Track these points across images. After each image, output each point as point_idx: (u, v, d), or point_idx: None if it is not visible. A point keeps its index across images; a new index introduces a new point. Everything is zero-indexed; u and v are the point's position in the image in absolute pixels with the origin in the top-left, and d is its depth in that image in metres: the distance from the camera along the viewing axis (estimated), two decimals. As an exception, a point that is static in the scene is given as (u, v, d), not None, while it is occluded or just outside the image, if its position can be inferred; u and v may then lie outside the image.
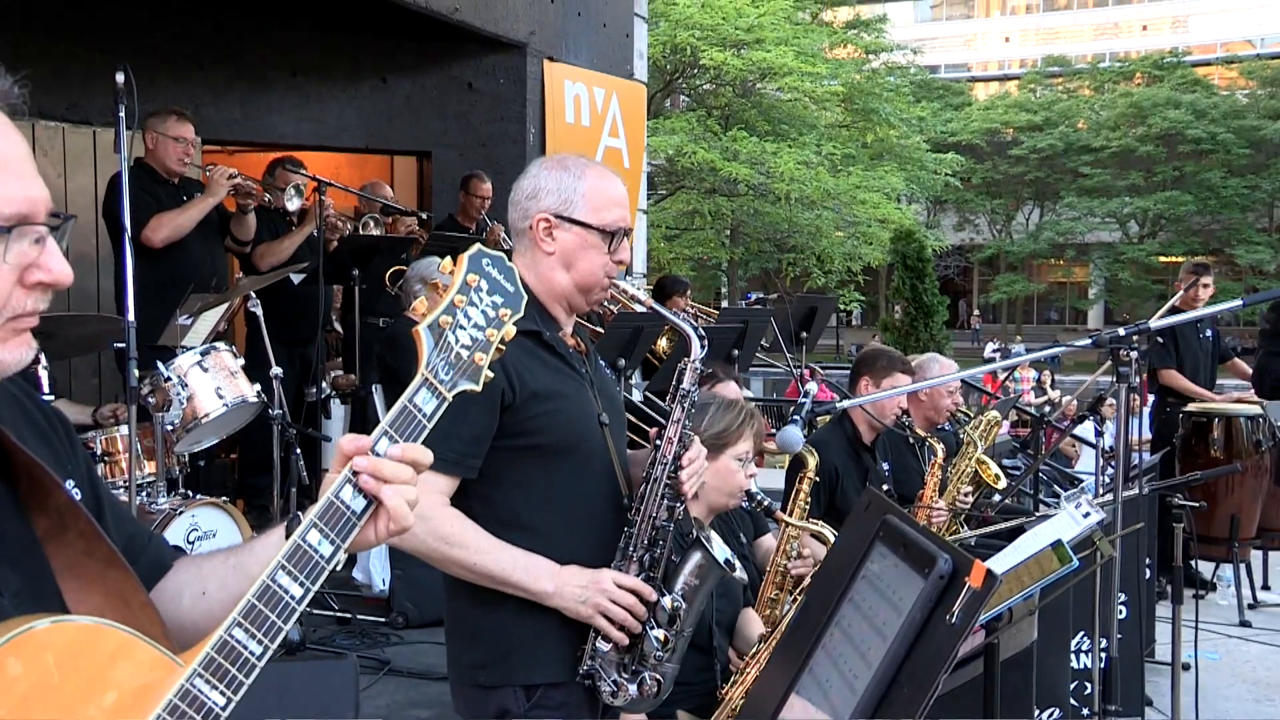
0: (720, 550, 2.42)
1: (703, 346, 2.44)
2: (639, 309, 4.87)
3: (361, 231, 6.17)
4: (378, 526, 1.35)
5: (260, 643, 1.22)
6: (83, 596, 1.27)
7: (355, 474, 1.31)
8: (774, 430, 4.98)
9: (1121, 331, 2.98)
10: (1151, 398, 7.39)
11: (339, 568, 1.36)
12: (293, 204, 5.88)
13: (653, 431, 2.43)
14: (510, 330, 1.47)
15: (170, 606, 1.42)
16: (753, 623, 3.48)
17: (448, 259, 1.46)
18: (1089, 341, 3.08)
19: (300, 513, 1.36)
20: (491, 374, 1.46)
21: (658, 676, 2.34)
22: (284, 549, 1.26)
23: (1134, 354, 3.06)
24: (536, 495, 2.33)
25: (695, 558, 2.42)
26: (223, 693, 1.18)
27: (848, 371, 6.50)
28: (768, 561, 3.65)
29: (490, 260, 1.48)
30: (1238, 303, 3.13)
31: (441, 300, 1.42)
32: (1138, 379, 3.27)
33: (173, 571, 1.48)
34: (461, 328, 1.42)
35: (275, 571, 1.25)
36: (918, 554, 1.58)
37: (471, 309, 1.43)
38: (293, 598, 1.25)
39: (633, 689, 2.33)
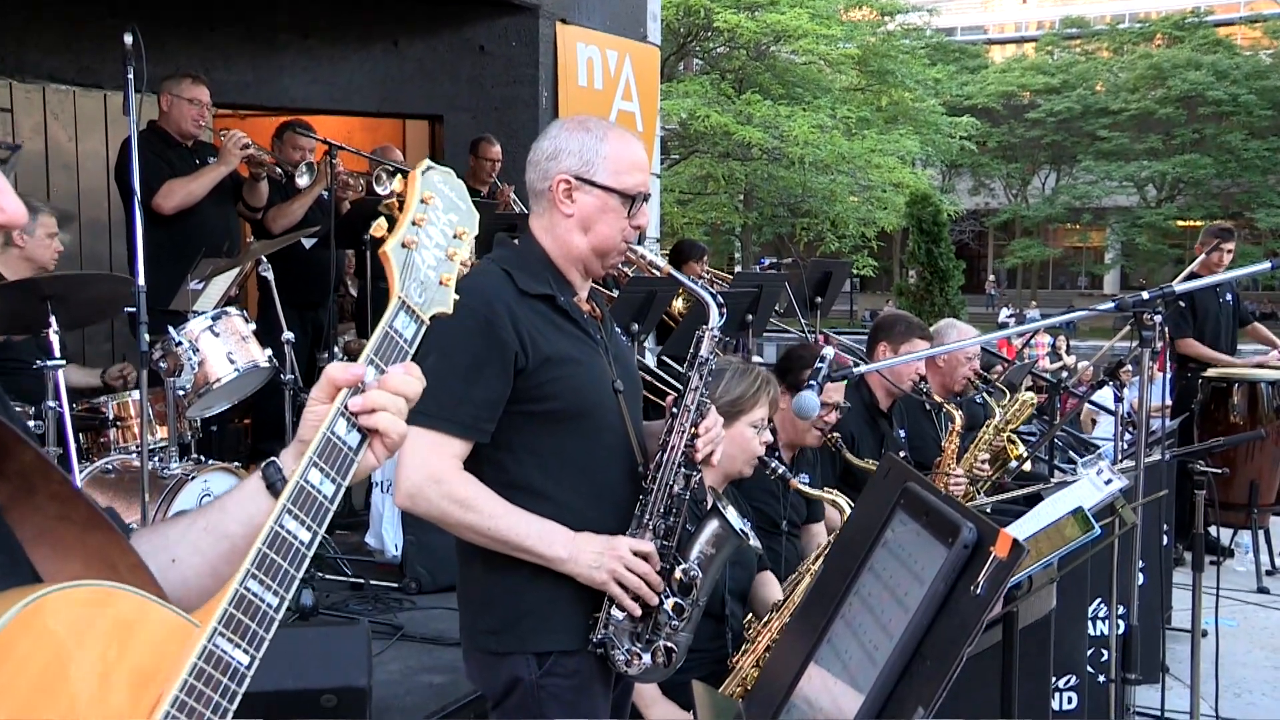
0: (736, 519, 2.40)
1: (721, 314, 2.41)
2: (655, 274, 4.82)
3: (375, 185, 6.12)
4: (375, 451, 1.31)
5: (276, 593, 1.17)
6: (60, 566, 1.17)
7: (347, 409, 1.26)
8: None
9: (1145, 295, 2.92)
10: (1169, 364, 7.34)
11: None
12: (304, 181, 5.85)
13: (669, 400, 2.40)
14: (466, 250, 1.42)
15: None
16: (770, 585, 3.47)
17: (399, 177, 1.42)
18: (1112, 305, 3.03)
19: (276, 459, 1.32)
20: (458, 296, 1.41)
21: (671, 645, 2.32)
22: (287, 490, 1.21)
23: (1157, 318, 3.00)
24: (549, 461, 2.31)
25: (711, 526, 2.39)
26: (245, 650, 1.13)
27: (861, 337, 6.45)
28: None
29: (441, 177, 1.43)
30: (1265, 265, 3.06)
31: (403, 220, 1.37)
32: (1159, 343, 3.22)
33: (145, 538, 1.39)
34: (425, 248, 1.37)
35: (281, 516, 1.19)
36: (941, 522, 1.54)
37: (431, 228, 1.38)
38: (301, 543, 1.20)
39: (646, 658, 2.31)
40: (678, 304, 6.26)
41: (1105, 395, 7.54)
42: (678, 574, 2.32)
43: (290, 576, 1.18)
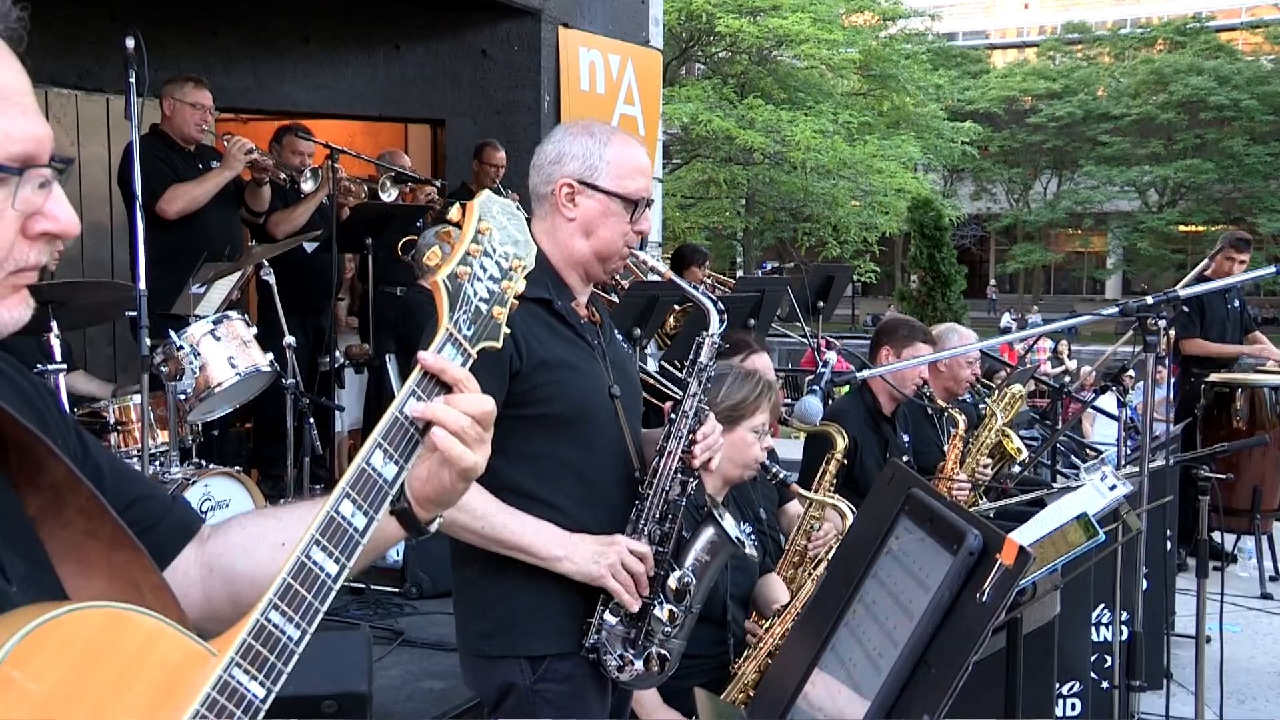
0: (733, 527, 2.38)
1: (722, 320, 2.40)
2: (655, 279, 4.80)
3: (380, 193, 6.10)
4: (444, 475, 1.30)
5: (298, 626, 1.13)
6: (84, 583, 1.14)
7: (383, 438, 1.23)
8: (790, 401, 4.93)
9: (1150, 300, 2.92)
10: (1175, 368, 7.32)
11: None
12: (308, 185, 5.83)
13: (667, 405, 2.40)
14: (522, 284, 1.38)
15: (237, 559, 1.34)
16: (776, 587, 3.44)
17: (457, 206, 1.39)
18: (1116, 310, 3.02)
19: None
20: (509, 329, 1.38)
21: (664, 652, 2.31)
22: (316, 520, 1.17)
23: (1161, 323, 3.00)
24: (543, 466, 2.30)
25: (708, 534, 2.38)
26: (262, 683, 1.09)
27: (863, 342, 6.43)
28: (792, 529, 3.61)
29: (500, 207, 1.39)
30: (1270, 270, 3.05)
31: (456, 250, 1.32)
32: (1164, 348, 3.21)
33: (237, 526, 1.39)
34: (478, 279, 1.33)
35: (309, 547, 1.16)
36: (946, 529, 1.53)
37: (486, 259, 1.34)
38: (328, 575, 1.16)
39: (639, 664, 2.30)
40: (670, 320, 6.18)
41: (1108, 400, 7.53)
42: (672, 581, 2.31)
43: (314, 610, 1.15)
